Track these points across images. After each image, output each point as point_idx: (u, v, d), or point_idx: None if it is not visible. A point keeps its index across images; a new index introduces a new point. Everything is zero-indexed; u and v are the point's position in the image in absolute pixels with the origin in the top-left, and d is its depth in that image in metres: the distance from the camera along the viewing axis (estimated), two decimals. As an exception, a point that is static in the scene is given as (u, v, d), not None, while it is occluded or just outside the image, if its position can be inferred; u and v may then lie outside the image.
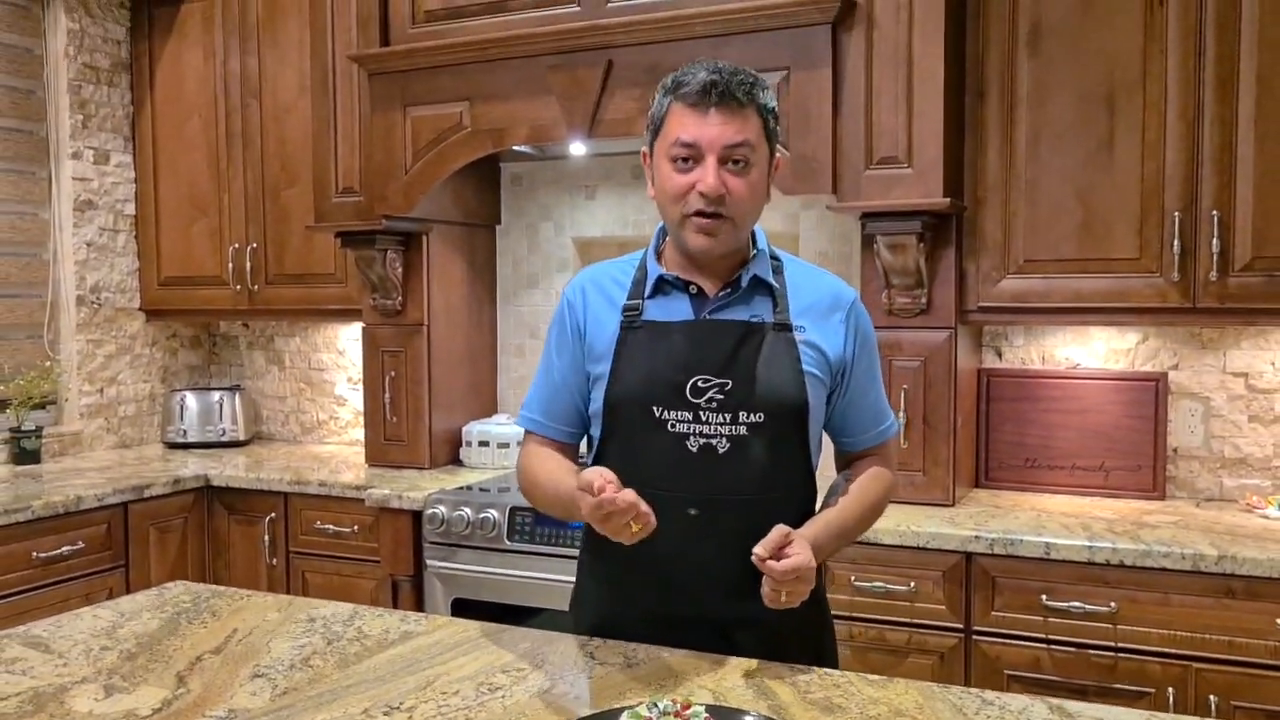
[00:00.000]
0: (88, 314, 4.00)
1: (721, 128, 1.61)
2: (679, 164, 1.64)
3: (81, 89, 3.95)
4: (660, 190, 1.69)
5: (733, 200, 1.63)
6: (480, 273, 3.80)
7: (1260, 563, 2.32)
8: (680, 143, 1.63)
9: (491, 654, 1.67)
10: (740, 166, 1.63)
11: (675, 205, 1.66)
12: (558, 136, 3.11)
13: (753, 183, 1.66)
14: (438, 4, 3.26)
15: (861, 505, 1.76)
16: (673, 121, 1.65)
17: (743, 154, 1.63)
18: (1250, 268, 2.60)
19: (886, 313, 2.87)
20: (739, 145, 1.62)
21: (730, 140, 1.62)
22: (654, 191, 1.71)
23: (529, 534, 2.96)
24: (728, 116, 1.62)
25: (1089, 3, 2.72)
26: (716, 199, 1.62)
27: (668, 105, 1.66)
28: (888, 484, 1.82)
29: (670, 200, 1.67)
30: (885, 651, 2.63)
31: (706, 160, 1.62)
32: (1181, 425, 2.98)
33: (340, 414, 4.24)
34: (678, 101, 1.64)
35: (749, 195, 1.65)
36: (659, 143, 1.68)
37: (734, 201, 1.63)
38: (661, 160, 1.67)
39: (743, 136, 1.62)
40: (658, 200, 1.70)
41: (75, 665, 1.64)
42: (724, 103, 1.61)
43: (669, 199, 1.67)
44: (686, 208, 1.64)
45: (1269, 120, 2.57)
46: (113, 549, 3.30)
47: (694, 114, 1.62)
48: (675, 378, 1.66)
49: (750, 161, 1.64)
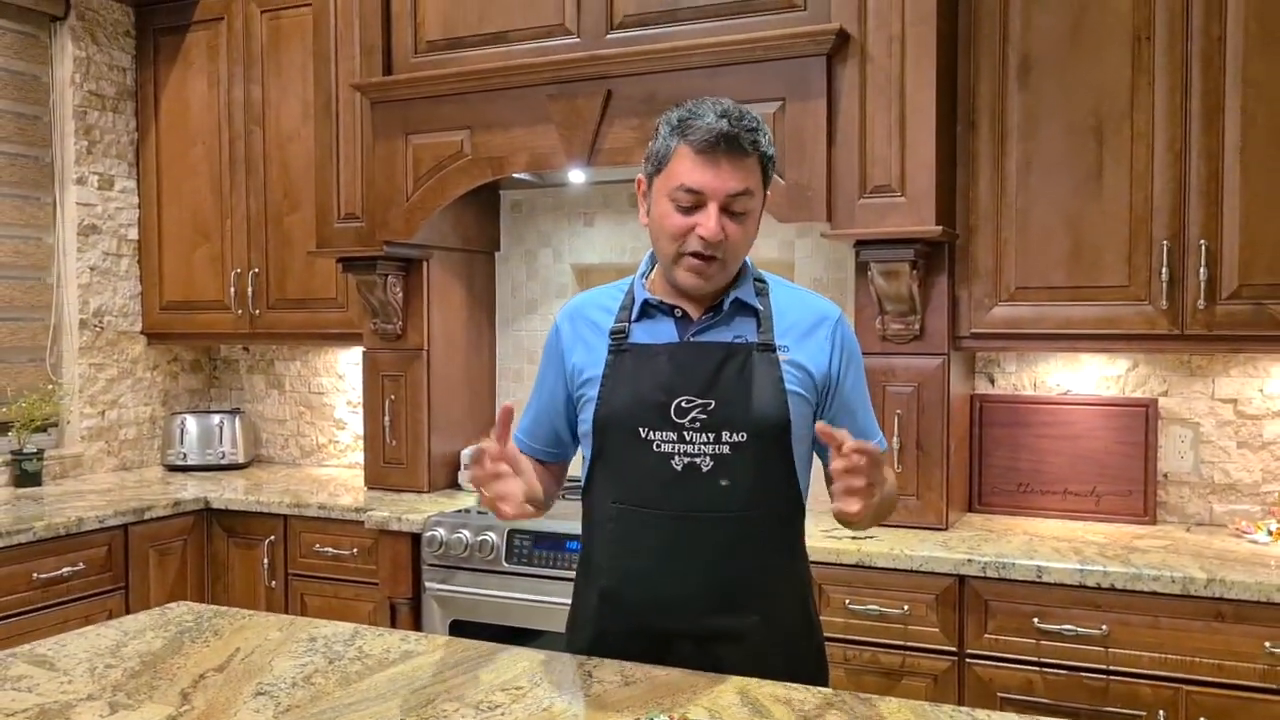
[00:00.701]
0: (90, 337, 4.03)
1: (727, 179, 1.64)
2: (681, 207, 1.67)
3: (87, 115, 4.00)
4: (657, 225, 1.71)
5: (729, 245, 1.67)
6: (480, 298, 3.84)
7: (1249, 586, 2.35)
8: (685, 188, 1.65)
9: (491, 672, 1.70)
10: (739, 216, 1.67)
11: (672, 244, 1.69)
12: (557, 165, 3.16)
13: (748, 229, 1.70)
14: (439, 34, 3.32)
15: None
16: (678, 165, 1.67)
17: (743, 204, 1.67)
18: (1237, 295, 2.65)
19: (880, 339, 2.91)
20: (741, 194, 1.66)
21: (734, 190, 1.65)
22: (647, 221, 1.75)
23: (527, 556, 2.98)
24: (733, 167, 1.64)
25: (1077, 36, 2.78)
26: (715, 244, 1.66)
27: (675, 146, 1.67)
28: (892, 477, 1.82)
29: (667, 238, 1.69)
30: (879, 674, 2.66)
31: (709, 207, 1.65)
32: (1171, 451, 3.02)
33: (340, 437, 4.27)
34: (685, 144, 1.66)
35: (743, 240, 1.70)
36: (660, 179, 1.70)
37: (729, 246, 1.68)
38: (661, 197, 1.69)
39: (745, 186, 1.66)
40: (652, 232, 1.74)
41: (80, 683, 1.67)
42: (731, 153, 1.64)
43: (666, 237, 1.69)
44: (684, 247, 1.68)
45: (1253, 152, 2.62)
46: (113, 571, 3.32)
47: (701, 161, 1.64)
48: (659, 399, 1.70)
49: (748, 209, 1.68)
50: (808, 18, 2.85)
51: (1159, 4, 2.70)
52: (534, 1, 3.17)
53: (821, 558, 2.63)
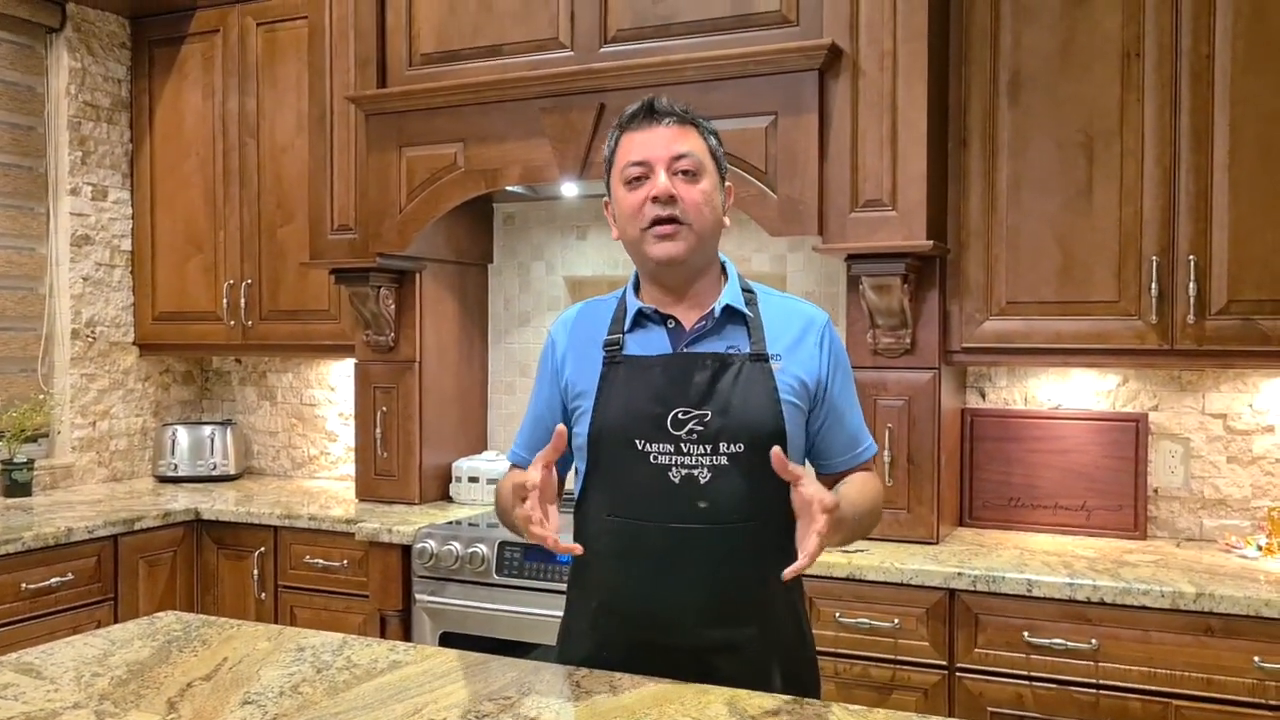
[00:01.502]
0: (82, 348, 4.03)
1: (666, 141, 1.72)
2: (633, 184, 1.73)
3: (81, 126, 4.01)
4: (620, 217, 1.76)
5: (686, 206, 1.70)
6: (472, 310, 3.85)
7: (1238, 601, 2.36)
8: (631, 163, 1.73)
9: (479, 682, 1.70)
10: (689, 176, 1.72)
11: (634, 223, 1.73)
12: (550, 177, 3.17)
13: (705, 191, 1.73)
14: (434, 47, 3.34)
15: (862, 495, 1.76)
16: (622, 149, 1.76)
17: (689, 164, 1.71)
18: (1226, 311, 2.66)
19: (872, 352, 2.92)
20: (684, 156, 1.71)
21: (675, 150, 1.71)
22: (617, 231, 1.79)
23: (517, 569, 2.98)
24: (669, 130, 1.73)
25: (1067, 54, 2.80)
26: (668, 200, 1.69)
27: (617, 138, 1.77)
28: (878, 487, 1.85)
29: (628, 221, 1.74)
30: (869, 688, 2.65)
31: (655, 171, 1.71)
32: (1162, 466, 3.03)
33: (331, 449, 4.26)
34: (624, 131, 1.76)
35: (703, 202, 1.72)
36: (613, 174, 1.78)
37: (688, 208, 1.71)
38: (617, 188, 1.76)
39: (687, 147, 1.72)
40: (621, 235, 1.78)
41: (67, 691, 1.66)
42: (663, 118, 1.73)
43: (627, 219, 1.74)
44: (644, 221, 1.72)
45: (1242, 168, 2.64)
46: (102, 582, 3.31)
47: (639, 133, 1.74)
48: (655, 411, 1.70)
49: (698, 172, 1.72)
50: (800, 33, 2.87)
51: (1148, 22, 2.72)
52: (528, 15, 3.19)
53: (812, 570, 2.59)
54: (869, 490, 1.80)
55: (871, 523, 1.82)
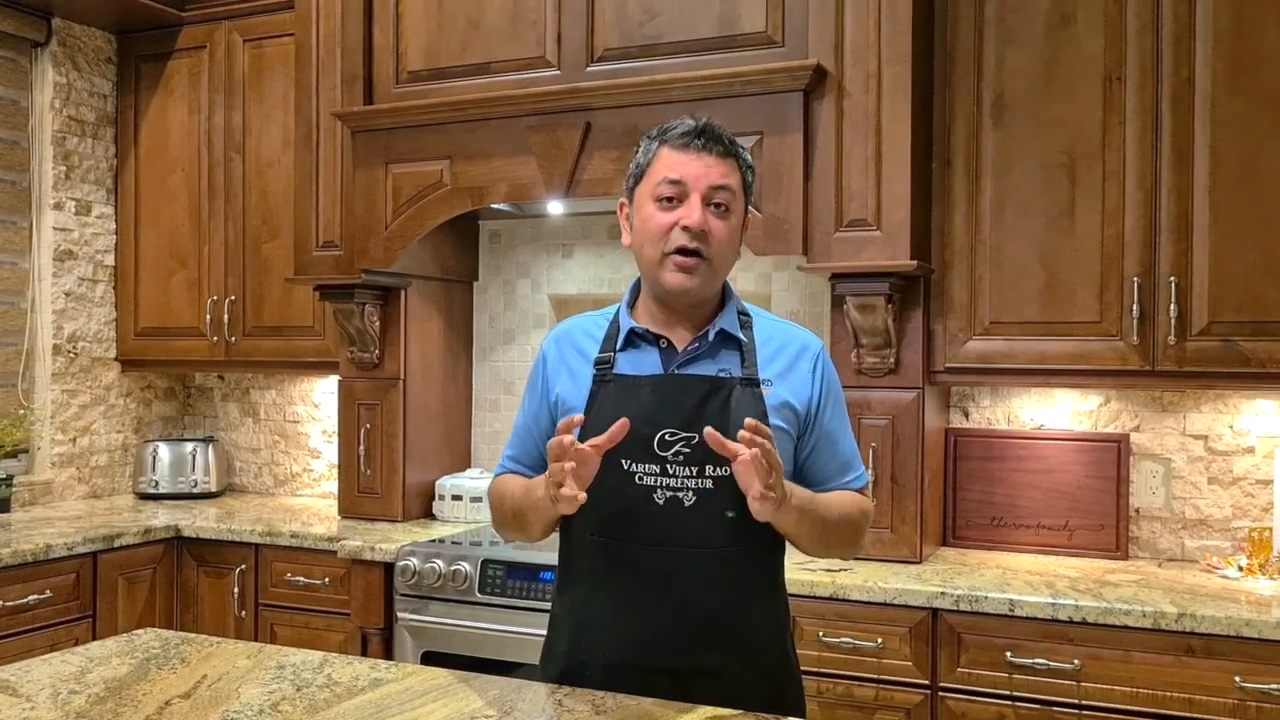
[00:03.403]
0: (63, 363, 4.00)
1: (708, 169, 1.69)
2: (664, 203, 1.70)
3: (66, 141, 4.00)
4: (641, 232, 1.73)
5: (713, 241, 1.69)
6: (457, 328, 3.84)
7: (1219, 620, 2.36)
8: (668, 180, 1.69)
9: (461, 700, 1.69)
10: (721, 210, 1.70)
11: (656, 244, 1.71)
12: (536, 195, 3.17)
13: (732, 228, 1.72)
14: (421, 65, 3.34)
15: (833, 500, 1.76)
16: (659, 164, 1.72)
17: (725, 198, 1.70)
18: (1207, 332, 2.68)
19: (856, 372, 2.93)
20: (723, 188, 1.69)
21: (716, 181, 1.69)
22: (631, 239, 1.77)
23: (500, 587, 2.96)
24: (714, 159, 1.70)
25: (1050, 77, 2.83)
26: (700, 234, 1.67)
27: (655, 149, 1.73)
28: (860, 504, 1.81)
29: (651, 240, 1.71)
30: (853, 708, 2.65)
31: (691, 198, 1.68)
32: (1143, 486, 3.04)
33: (314, 466, 4.24)
34: (665, 145, 1.72)
35: (727, 239, 1.72)
36: (643, 186, 1.74)
37: (714, 243, 1.69)
38: (645, 202, 1.73)
39: (726, 180, 1.70)
40: (636, 245, 1.75)
41: (43, 709, 1.64)
42: (710, 146, 1.70)
43: (650, 238, 1.71)
44: (668, 245, 1.69)
45: (1222, 191, 2.67)
46: (80, 599, 3.28)
47: (682, 154, 1.70)
48: (643, 431, 1.69)
49: (730, 208, 1.71)
50: (786, 54, 2.89)
51: (1130, 46, 2.75)
52: (516, 34, 3.20)
53: (795, 590, 2.62)
54: (845, 501, 1.79)
55: (844, 535, 1.79)
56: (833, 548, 1.82)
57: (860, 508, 1.82)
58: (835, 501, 1.77)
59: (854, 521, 1.80)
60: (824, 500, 1.74)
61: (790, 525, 1.68)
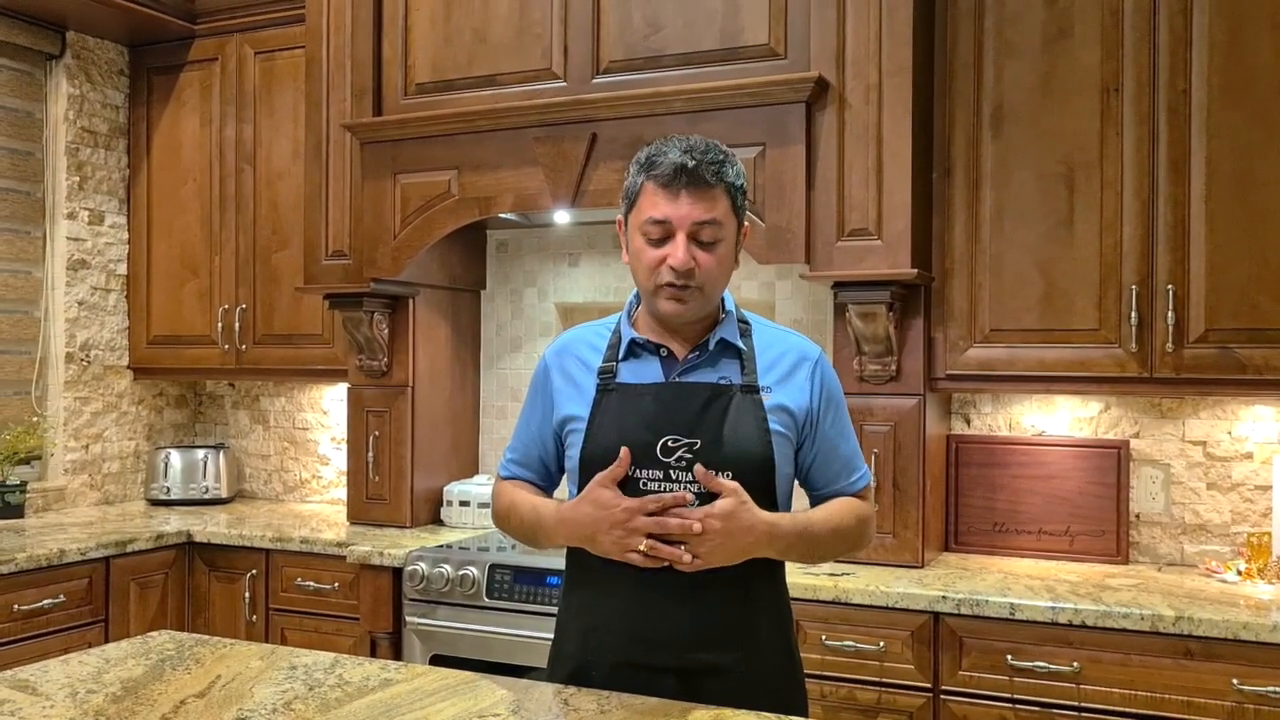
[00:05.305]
0: (76, 371, 4.06)
1: (690, 208, 1.71)
2: (651, 240, 1.74)
3: (79, 152, 4.06)
4: (634, 260, 1.78)
5: (701, 273, 1.73)
6: (464, 336, 3.89)
7: (1216, 624, 2.39)
8: (652, 220, 1.73)
9: (469, 700, 1.73)
10: (709, 243, 1.73)
11: (648, 276, 1.75)
12: (543, 205, 3.22)
13: (720, 256, 1.75)
14: (429, 77, 3.39)
15: (831, 513, 1.82)
16: (645, 200, 1.75)
17: (710, 233, 1.73)
18: (1204, 339, 2.72)
19: (858, 379, 2.96)
20: (707, 224, 1.72)
21: (699, 219, 1.72)
22: (628, 258, 1.82)
23: (508, 591, 3.00)
24: (696, 198, 1.71)
25: (1048, 88, 2.87)
26: (686, 273, 1.71)
27: (641, 183, 1.76)
28: (860, 512, 1.86)
29: (644, 272, 1.76)
30: (856, 711, 2.68)
31: (677, 237, 1.72)
32: (1143, 492, 3.07)
33: (323, 473, 4.29)
34: (650, 180, 1.74)
35: (716, 268, 1.75)
36: (633, 216, 1.78)
37: (702, 274, 1.73)
38: (635, 233, 1.77)
39: (710, 215, 1.72)
40: (632, 266, 1.80)
41: (62, 707, 1.69)
42: (693, 184, 1.71)
43: (642, 270, 1.76)
44: (659, 279, 1.74)
45: (1218, 200, 2.71)
46: (93, 604, 3.33)
47: (665, 194, 1.72)
48: (645, 438, 1.73)
49: (718, 238, 1.74)
50: (788, 66, 2.93)
51: (1127, 58, 2.79)
52: (522, 47, 3.25)
53: (798, 594, 2.66)
54: (844, 509, 1.83)
55: (839, 548, 1.85)
56: (830, 559, 1.88)
57: (858, 514, 1.85)
58: (830, 517, 1.81)
59: (849, 531, 1.84)
60: (819, 521, 1.80)
61: (776, 555, 1.76)
